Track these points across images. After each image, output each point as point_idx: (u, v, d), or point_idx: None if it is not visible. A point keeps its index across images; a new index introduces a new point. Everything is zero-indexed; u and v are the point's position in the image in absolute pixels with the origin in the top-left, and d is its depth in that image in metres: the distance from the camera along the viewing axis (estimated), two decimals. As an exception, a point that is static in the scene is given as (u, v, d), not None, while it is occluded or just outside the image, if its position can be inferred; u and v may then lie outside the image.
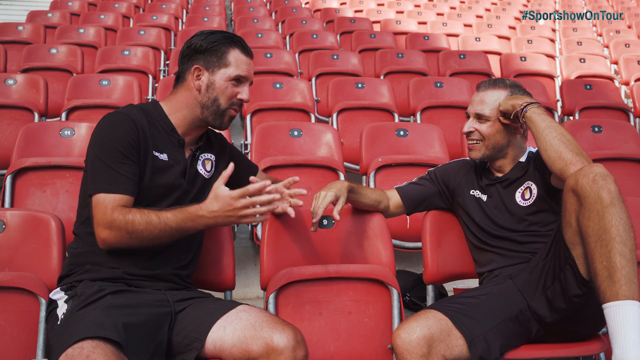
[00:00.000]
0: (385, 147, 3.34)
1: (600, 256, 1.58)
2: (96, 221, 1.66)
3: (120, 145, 1.70)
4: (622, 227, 1.59)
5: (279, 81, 4.42)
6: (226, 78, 1.81)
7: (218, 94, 1.81)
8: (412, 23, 7.73)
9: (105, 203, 1.65)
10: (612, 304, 1.55)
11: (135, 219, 1.64)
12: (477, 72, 5.28)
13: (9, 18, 7.75)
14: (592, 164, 1.70)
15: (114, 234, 1.64)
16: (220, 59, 1.82)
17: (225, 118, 1.85)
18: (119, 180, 1.68)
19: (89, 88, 4.17)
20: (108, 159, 1.69)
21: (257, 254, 3.26)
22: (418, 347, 1.71)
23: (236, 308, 1.68)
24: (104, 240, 1.67)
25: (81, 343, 1.39)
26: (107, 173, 1.68)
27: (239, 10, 7.70)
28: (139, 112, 1.80)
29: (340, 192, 1.97)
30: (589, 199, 1.63)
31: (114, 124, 1.74)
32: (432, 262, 2.19)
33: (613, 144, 3.67)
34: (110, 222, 1.64)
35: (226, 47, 1.83)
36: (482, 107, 2.08)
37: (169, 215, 1.66)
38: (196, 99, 1.83)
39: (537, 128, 1.90)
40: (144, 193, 1.74)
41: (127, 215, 1.64)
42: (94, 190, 1.68)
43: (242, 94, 1.84)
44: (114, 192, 1.67)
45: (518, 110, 1.97)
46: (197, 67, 1.82)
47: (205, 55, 1.82)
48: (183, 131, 1.85)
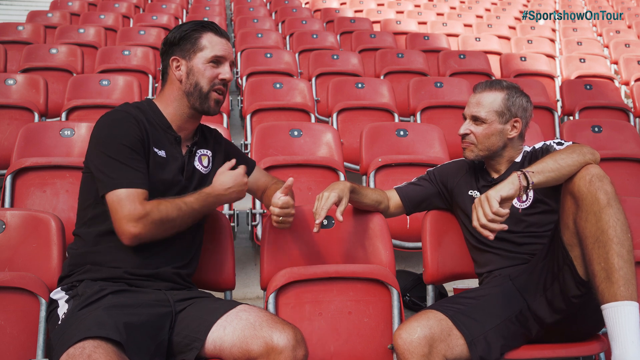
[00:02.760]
0: (385, 147, 3.34)
1: (598, 257, 1.59)
2: (121, 217, 1.64)
3: (128, 142, 1.70)
4: (620, 228, 1.59)
5: (279, 81, 4.42)
6: (204, 61, 1.83)
7: (198, 78, 1.83)
8: (412, 23, 7.73)
9: (131, 198, 1.64)
10: (610, 304, 1.55)
11: (167, 208, 1.67)
12: (477, 72, 5.28)
13: (9, 18, 7.75)
14: (588, 166, 1.70)
15: (148, 226, 1.64)
16: (194, 45, 1.84)
17: (210, 101, 1.85)
18: (135, 175, 1.68)
19: (89, 88, 4.18)
20: (118, 156, 1.68)
21: (257, 254, 3.26)
22: (419, 347, 1.72)
23: (236, 308, 1.68)
24: (136, 235, 1.65)
25: (82, 343, 1.39)
26: (121, 169, 1.67)
27: (239, 10, 7.70)
28: (136, 110, 1.81)
29: (343, 192, 1.97)
30: (585, 201, 1.63)
31: (116, 122, 1.74)
32: (432, 262, 2.19)
33: (613, 144, 3.67)
34: (143, 215, 1.63)
35: (198, 33, 1.85)
36: (479, 110, 2.08)
37: (191, 199, 1.74)
38: (180, 90, 1.84)
39: (550, 179, 1.71)
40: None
41: (159, 206, 1.66)
42: (110, 187, 1.66)
43: (224, 73, 1.85)
44: (134, 186, 1.66)
45: (522, 189, 1.68)
46: (174, 59, 1.85)
47: (180, 45, 1.85)
48: (177, 126, 1.86)
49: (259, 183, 2.10)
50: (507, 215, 1.63)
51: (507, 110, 2.07)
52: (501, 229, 1.62)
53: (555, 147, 2.01)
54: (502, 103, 2.07)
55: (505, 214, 1.62)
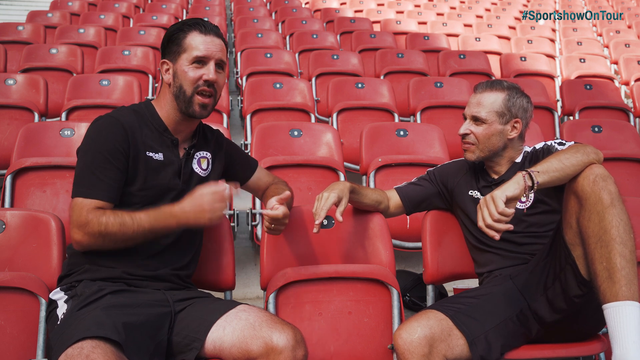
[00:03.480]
0: (385, 147, 3.34)
1: (600, 257, 1.59)
2: (70, 222, 1.67)
3: (106, 150, 1.70)
4: (623, 228, 1.59)
5: (279, 81, 4.42)
6: (187, 62, 1.78)
7: (182, 81, 1.79)
8: (412, 23, 7.73)
9: (81, 206, 1.66)
10: (612, 304, 1.55)
11: (109, 220, 1.65)
12: (477, 72, 5.28)
13: (9, 18, 7.75)
14: (592, 165, 1.70)
15: (88, 236, 1.65)
16: (179, 46, 1.80)
17: (195, 105, 1.78)
18: (98, 185, 1.68)
19: (89, 88, 4.17)
20: (91, 164, 1.70)
21: (257, 254, 3.25)
22: (419, 347, 1.71)
23: (236, 308, 1.68)
24: (78, 242, 1.68)
25: (81, 343, 1.39)
26: (89, 178, 1.69)
27: (239, 10, 7.71)
28: (130, 114, 1.80)
29: (343, 193, 1.96)
30: (589, 200, 1.63)
31: (101, 129, 1.74)
32: (432, 262, 2.19)
33: (613, 144, 3.67)
34: (84, 224, 1.64)
35: (184, 33, 1.80)
36: (479, 110, 2.08)
37: (142, 215, 1.67)
38: (171, 93, 1.82)
39: (555, 179, 1.70)
40: (139, 194, 1.74)
41: (100, 217, 1.65)
42: (74, 193, 1.70)
43: (207, 74, 1.78)
44: (92, 197, 1.67)
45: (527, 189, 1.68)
46: (164, 62, 1.83)
47: (168, 47, 1.82)
48: (173, 129, 1.84)
49: (260, 183, 2.10)
50: (513, 215, 1.63)
51: (508, 111, 2.06)
52: (507, 229, 1.62)
53: (556, 147, 2.01)
54: (503, 104, 2.07)
55: (511, 214, 1.62)
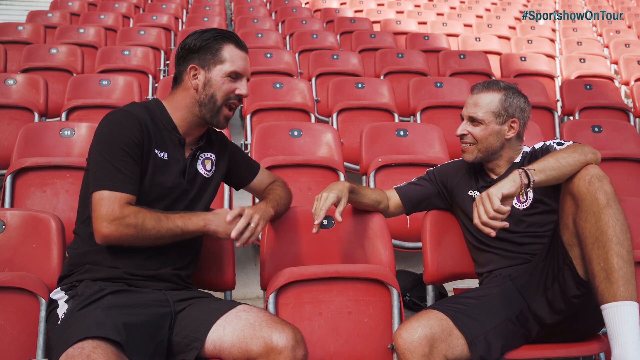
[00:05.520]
0: (385, 147, 3.34)
1: (597, 257, 1.59)
2: (98, 216, 1.65)
3: (124, 143, 1.70)
4: (619, 228, 1.59)
5: (279, 81, 4.42)
6: (222, 74, 1.81)
7: (215, 90, 1.81)
8: (412, 23, 7.73)
9: (112, 199, 1.65)
10: (610, 304, 1.55)
11: (146, 217, 1.66)
12: (477, 72, 5.28)
13: (9, 18, 7.75)
14: (587, 166, 1.70)
15: (121, 229, 1.64)
16: (215, 56, 1.81)
17: (220, 116, 1.83)
18: (122, 178, 1.68)
19: (89, 88, 4.18)
20: (111, 157, 1.69)
21: (257, 254, 3.26)
22: (420, 347, 1.72)
23: (236, 308, 1.68)
24: (107, 236, 1.65)
25: (82, 343, 1.39)
26: (111, 171, 1.68)
27: (239, 10, 7.70)
28: (142, 109, 1.81)
29: (342, 193, 1.97)
30: (585, 201, 1.63)
31: (117, 122, 1.74)
32: (432, 262, 2.19)
33: (613, 144, 3.67)
34: (118, 217, 1.64)
35: (220, 44, 1.82)
36: (476, 110, 2.08)
37: (175, 215, 1.71)
38: (194, 98, 1.83)
39: (552, 178, 1.70)
40: (145, 191, 1.74)
41: (138, 212, 1.66)
42: (97, 187, 1.68)
43: (241, 89, 1.84)
44: (118, 189, 1.67)
45: (524, 187, 1.67)
46: (192, 67, 1.82)
47: (199, 53, 1.82)
48: (184, 131, 1.85)
49: (262, 186, 2.11)
50: (509, 213, 1.63)
51: (504, 111, 2.07)
52: (502, 226, 1.63)
53: (555, 147, 2.01)
54: (499, 104, 2.07)
55: (507, 211, 1.62)
